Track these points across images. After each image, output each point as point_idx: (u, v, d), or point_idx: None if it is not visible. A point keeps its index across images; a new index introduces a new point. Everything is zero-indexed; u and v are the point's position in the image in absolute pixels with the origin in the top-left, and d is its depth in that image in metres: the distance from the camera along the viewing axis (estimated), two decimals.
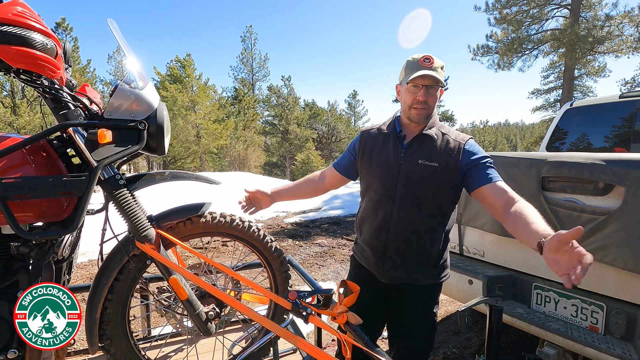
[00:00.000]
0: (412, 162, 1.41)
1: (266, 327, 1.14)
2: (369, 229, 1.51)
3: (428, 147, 1.42)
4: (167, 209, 1.40)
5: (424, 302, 1.50)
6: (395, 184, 1.43)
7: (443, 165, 1.38)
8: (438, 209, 1.44)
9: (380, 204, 1.47)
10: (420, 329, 1.50)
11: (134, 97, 1.20)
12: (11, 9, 0.91)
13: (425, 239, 1.43)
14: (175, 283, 1.30)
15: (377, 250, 1.48)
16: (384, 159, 1.47)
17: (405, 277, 1.46)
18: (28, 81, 1.04)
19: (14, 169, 1.07)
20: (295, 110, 32.24)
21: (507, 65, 17.40)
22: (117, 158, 1.17)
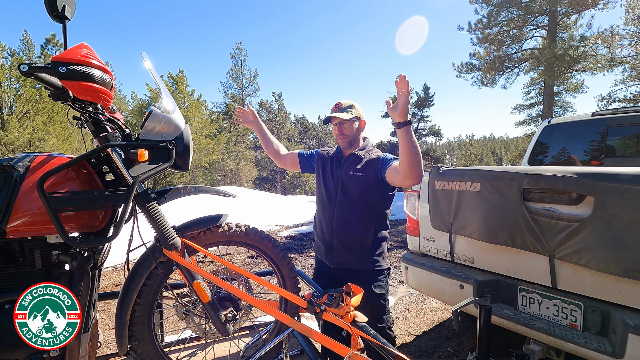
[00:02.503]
0: (346, 174, 1.97)
1: (284, 321, 1.28)
2: (320, 227, 2.07)
3: (357, 162, 1.98)
4: (189, 220, 1.54)
5: (367, 284, 1.89)
6: (335, 190, 1.99)
7: (367, 174, 1.93)
8: (368, 208, 1.95)
9: (326, 206, 2.03)
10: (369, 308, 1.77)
11: (164, 121, 1.36)
12: (79, 51, 1.08)
13: (360, 232, 1.94)
14: (198, 287, 1.44)
15: (325, 243, 2.02)
16: (329, 173, 2.06)
17: (348, 263, 1.96)
18: (79, 108, 1.20)
19: (62, 185, 1.21)
20: (286, 125, 32.59)
21: (490, 82, 18.12)
22: (150, 175, 1.32)
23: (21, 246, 1.22)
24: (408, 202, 2.93)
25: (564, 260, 1.86)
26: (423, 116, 30.54)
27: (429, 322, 3.48)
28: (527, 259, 2.07)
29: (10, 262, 1.22)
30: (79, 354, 1.25)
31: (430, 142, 58.25)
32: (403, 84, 1.50)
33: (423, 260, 2.70)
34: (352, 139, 2.05)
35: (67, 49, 1.10)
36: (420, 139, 32.11)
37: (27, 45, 26.36)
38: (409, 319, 3.57)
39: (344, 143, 2.05)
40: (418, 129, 30.72)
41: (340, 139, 2.04)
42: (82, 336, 1.25)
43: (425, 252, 2.78)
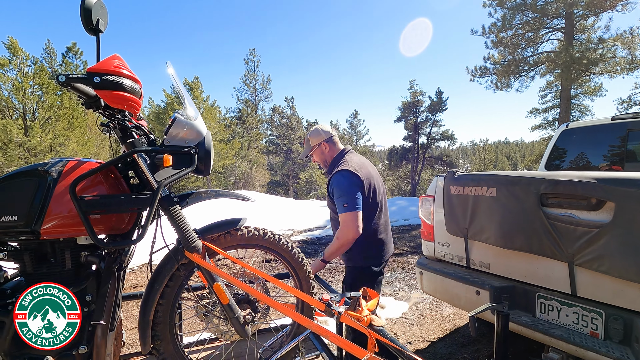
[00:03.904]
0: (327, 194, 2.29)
1: (302, 323, 1.30)
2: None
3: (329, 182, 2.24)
4: (210, 223, 1.58)
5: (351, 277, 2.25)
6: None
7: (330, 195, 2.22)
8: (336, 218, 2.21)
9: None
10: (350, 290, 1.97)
11: (188, 127, 1.41)
12: (112, 62, 1.14)
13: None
14: (219, 288, 1.47)
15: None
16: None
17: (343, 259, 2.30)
18: (109, 115, 1.26)
19: (92, 189, 1.27)
20: (298, 129, 32.77)
21: (504, 85, 17.87)
22: (174, 179, 1.37)
23: (53, 247, 1.28)
24: (423, 207, 2.93)
25: (584, 266, 1.83)
26: (436, 120, 30.31)
27: (444, 328, 3.45)
28: (545, 265, 2.05)
29: (43, 262, 1.28)
30: (105, 352, 1.29)
31: (444, 147, 57.63)
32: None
33: (438, 266, 2.69)
34: (324, 164, 2.38)
35: (100, 59, 1.17)
36: (434, 144, 31.84)
37: (49, 53, 27.33)
38: (424, 325, 3.54)
39: (324, 168, 2.44)
40: (431, 133, 30.49)
41: (321, 165, 2.42)
42: (108, 335, 1.30)
43: (440, 257, 2.77)
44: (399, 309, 3.93)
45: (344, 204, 2.00)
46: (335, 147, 2.32)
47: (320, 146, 2.29)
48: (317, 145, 2.30)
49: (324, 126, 2.37)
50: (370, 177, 2.20)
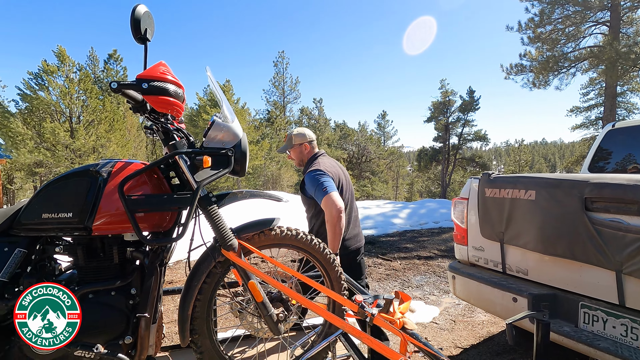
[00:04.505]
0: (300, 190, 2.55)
1: (335, 323, 1.31)
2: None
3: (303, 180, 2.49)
4: (244, 223, 1.63)
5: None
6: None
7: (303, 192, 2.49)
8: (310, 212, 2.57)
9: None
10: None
11: (225, 130, 1.46)
12: (158, 68, 1.21)
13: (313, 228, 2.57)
14: (253, 286, 1.51)
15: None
16: None
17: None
18: (154, 119, 1.33)
19: (138, 188, 1.34)
20: (326, 131, 32.87)
21: (542, 83, 17.04)
22: (212, 180, 1.43)
23: (102, 242, 1.37)
24: (455, 210, 2.86)
25: (633, 275, 1.72)
26: (468, 120, 29.39)
27: (477, 335, 3.34)
28: (589, 273, 1.94)
29: (93, 257, 1.37)
30: (148, 343, 1.36)
31: (476, 148, 55.70)
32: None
33: (472, 270, 2.61)
34: (299, 162, 2.65)
35: (148, 66, 1.24)
36: (465, 144, 30.90)
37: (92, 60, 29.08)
38: (455, 331, 3.44)
39: (298, 166, 2.71)
40: (462, 133, 29.60)
41: (295, 163, 2.71)
42: (151, 327, 1.37)
43: (474, 261, 2.69)
44: (430, 314, 3.85)
45: (322, 190, 2.24)
46: (313, 150, 2.63)
47: (301, 146, 2.59)
48: (299, 145, 2.59)
49: (308, 131, 2.69)
50: (339, 176, 2.50)
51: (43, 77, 17.73)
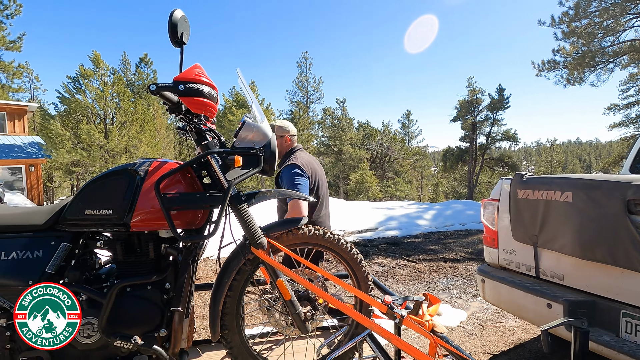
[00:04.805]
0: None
1: (363, 323, 1.31)
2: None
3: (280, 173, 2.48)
4: (273, 222, 1.65)
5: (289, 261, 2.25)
6: None
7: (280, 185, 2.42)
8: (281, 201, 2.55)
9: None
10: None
11: (255, 130, 1.49)
12: (194, 71, 1.25)
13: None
14: (281, 284, 1.53)
15: None
16: None
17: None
18: (188, 120, 1.38)
19: (172, 186, 1.39)
20: (349, 131, 32.76)
21: (577, 80, 16.23)
22: (243, 179, 1.45)
23: (139, 238, 1.43)
24: (485, 212, 2.77)
25: None
26: (497, 119, 28.45)
27: (507, 341, 3.23)
28: (632, 280, 1.83)
29: (131, 252, 1.43)
30: (181, 336, 1.41)
31: (504, 148, 53.81)
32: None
33: (503, 274, 2.53)
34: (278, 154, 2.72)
35: (184, 69, 1.28)
36: (493, 144, 29.94)
37: (125, 64, 30.33)
38: (484, 337, 3.35)
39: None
40: (491, 133, 28.69)
41: None
42: (184, 321, 1.42)
43: (505, 265, 2.60)
44: (457, 318, 3.75)
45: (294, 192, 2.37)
46: (292, 144, 2.70)
47: (283, 138, 2.65)
48: (280, 136, 2.64)
49: (291, 125, 2.74)
50: (315, 172, 2.55)
51: (80, 81, 18.70)
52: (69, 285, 1.33)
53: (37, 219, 1.36)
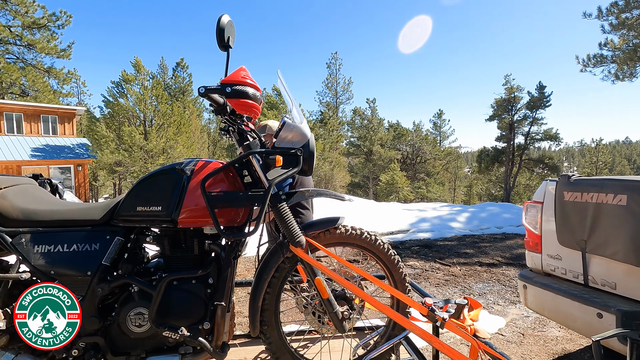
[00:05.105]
0: None
1: (404, 325, 1.30)
2: None
3: None
4: (311, 221, 1.68)
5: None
6: None
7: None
8: None
9: None
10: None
11: (295, 130, 1.52)
12: (239, 73, 1.30)
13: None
14: (319, 283, 1.55)
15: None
16: None
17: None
18: (231, 121, 1.43)
19: (217, 185, 1.45)
20: (380, 131, 32.39)
21: (627, 75, 15.10)
22: (282, 178, 1.48)
23: (185, 235, 1.50)
24: (527, 214, 2.66)
25: None
26: (536, 118, 27.03)
27: (550, 352, 3.07)
28: None
29: (177, 247, 1.50)
30: (223, 330, 1.46)
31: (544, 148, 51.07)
32: None
33: (547, 281, 2.41)
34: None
35: (230, 72, 1.34)
36: (532, 144, 28.50)
37: (163, 69, 31.74)
38: (525, 345, 3.20)
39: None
40: (530, 132, 27.33)
41: None
42: (226, 315, 1.47)
43: (550, 271, 2.48)
44: (495, 324, 3.61)
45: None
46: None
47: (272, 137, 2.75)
48: (270, 135, 2.71)
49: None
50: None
51: (123, 86, 19.78)
52: (122, 277, 1.42)
53: (94, 214, 1.46)
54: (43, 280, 1.37)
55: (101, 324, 1.39)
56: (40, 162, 17.22)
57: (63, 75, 25.42)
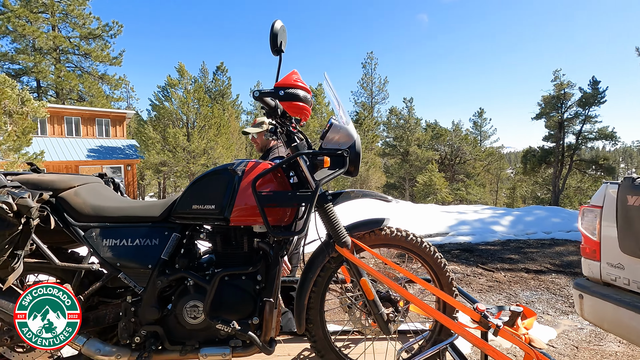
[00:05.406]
0: None
1: (454, 329, 1.27)
2: None
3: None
4: (356, 221, 1.68)
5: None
6: None
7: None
8: None
9: None
10: None
11: (342, 131, 1.53)
12: (292, 77, 1.34)
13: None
14: (365, 284, 1.55)
15: None
16: None
17: None
18: (280, 122, 1.47)
19: (266, 185, 1.50)
20: (417, 131, 31.65)
21: None
22: (329, 179, 1.51)
23: (235, 232, 1.56)
24: (584, 219, 2.49)
25: None
26: (589, 116, 25.11)
27: None
28: None
29: (228, 244, 1.57)
30: (271, 325, 1.51)
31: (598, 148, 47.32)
32: None
33: (607, 291, 2.24)
34: (262, 147, 2.86)
35: (281, 75, 1.38)
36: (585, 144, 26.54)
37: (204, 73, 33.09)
38: (579, 359, 3.00)
39: (257, 149, 2.91)
40: (582, 131, 25.46)
41: (255, 146, 2.93)
42: (274, 311, 1.51)
43: (610, 281, 2.30)
44: (544, 335, 3.42)
45: None
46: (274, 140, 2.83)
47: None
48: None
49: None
50: None
51: (168, 90, 20.89)
52: (179, 271, 1.50)
53: (154, 211, 1.57)
54: (110, 271, 1.49)
55: (160, 314, 1.48)
56: (95, 162, 18.61)
57: (114, 81, 27.33)
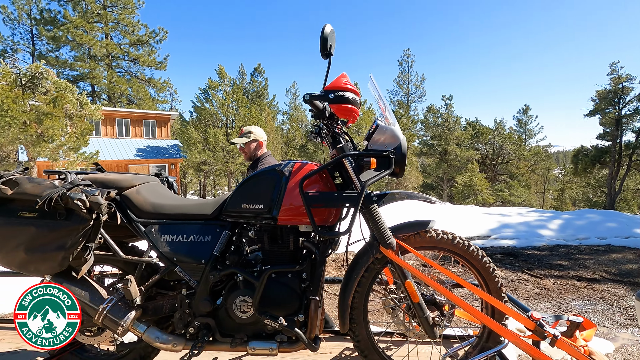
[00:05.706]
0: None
1: (507, 337, 1.23)
2: None
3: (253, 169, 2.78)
4: (400, 223, 1.67)
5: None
6: None
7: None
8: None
9: None
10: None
11: (387, 133, 1.53)
12: (341, 80, 1.37)
13: None
14: (410, 286, 1.54)
15: None
16: None
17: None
18: (327, 124, 1.49)
19: (312, 186, 1.53)
20: (456, 129, 30.56)
21: None
22: (375, 181, 1.51)
23: (282, 231, 1.61)
24: None
25: None
26: None
27: None
28: None
29: (275, 243, 1.62)
30: (316, 323, 1.54)
31: None
32: None
33: None
34: (250, 156, 2.95)
35: (330, 78, 1.41)
36: None
37: (241, 74, 34.07)
38: None
39: (245, 158, 3.02)
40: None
41: (243, 155, 3.03)
42: (319, 310, 1.54)
43: None
44: (601, 348, 3.19)
45: None
46: (264, 149, 2.99)
47: (257, 142, 2.93)
48: (255, 141, 2.91)
49: (263, 132, 3.02)
50: None
51: (208, 92, 21.76)
52: (229, 267, 1.58)
53: (206, 209, 1.65)
54: (167, 264, 1.59)
55: (212, 307, 1.56)
56: (142, 162, 19.81)
57: (160, 85, 28.93)
